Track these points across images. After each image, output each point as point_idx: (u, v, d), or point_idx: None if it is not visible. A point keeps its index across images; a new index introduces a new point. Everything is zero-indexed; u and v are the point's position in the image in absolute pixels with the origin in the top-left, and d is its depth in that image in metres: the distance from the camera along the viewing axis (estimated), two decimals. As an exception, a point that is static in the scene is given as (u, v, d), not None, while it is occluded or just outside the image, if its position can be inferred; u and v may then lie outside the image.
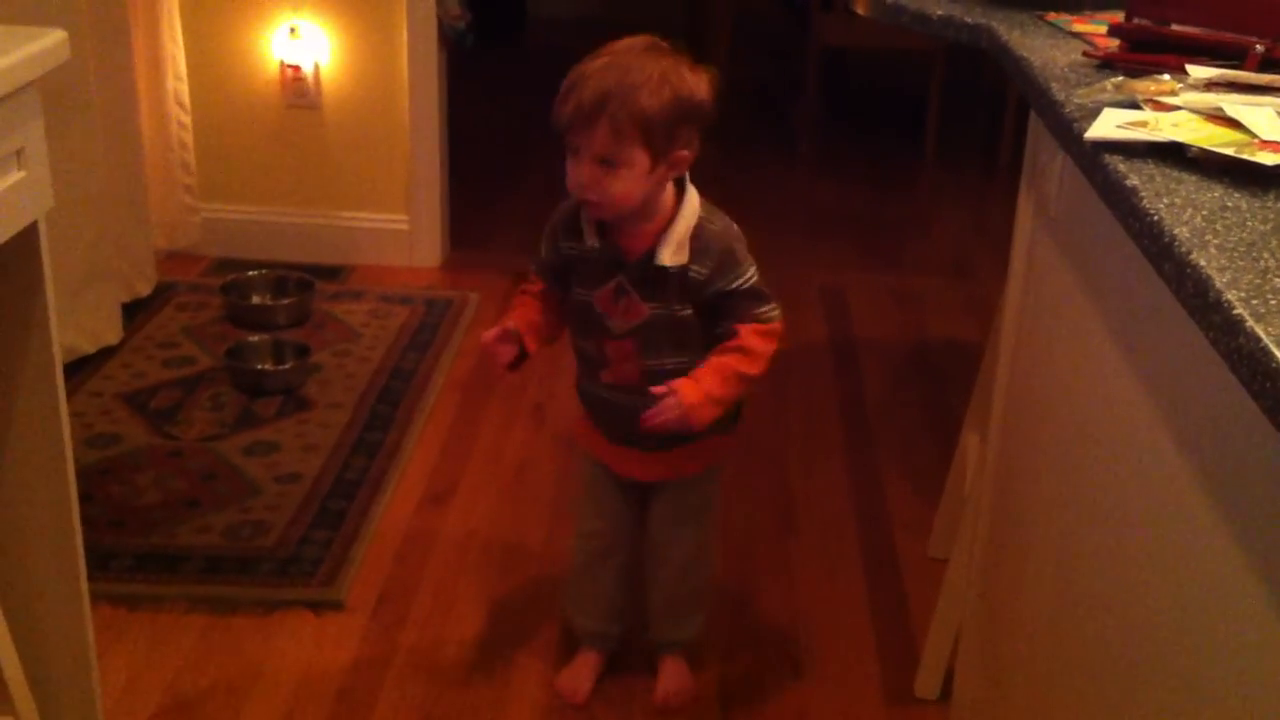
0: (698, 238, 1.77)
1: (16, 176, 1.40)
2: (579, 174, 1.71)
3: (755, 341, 1.79)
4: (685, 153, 1.73)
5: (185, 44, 3.37)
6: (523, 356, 1.86)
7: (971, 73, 5.09)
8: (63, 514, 1.62)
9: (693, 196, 1.79)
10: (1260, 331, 0.80)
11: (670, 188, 1.78)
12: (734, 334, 1.79)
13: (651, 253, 1.76)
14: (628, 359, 1.83)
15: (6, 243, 1.42)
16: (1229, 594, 0.93)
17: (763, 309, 1.80)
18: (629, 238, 1.78)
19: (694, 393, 1.75)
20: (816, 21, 4.58)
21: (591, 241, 1.79)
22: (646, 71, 1.66)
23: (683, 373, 1.78)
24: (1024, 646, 1.54)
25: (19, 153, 1.40)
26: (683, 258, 1.76)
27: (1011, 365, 1.75)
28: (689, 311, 1.79)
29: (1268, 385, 0.78)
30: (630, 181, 1.70)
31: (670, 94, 1.67)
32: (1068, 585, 1.36)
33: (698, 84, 1.71)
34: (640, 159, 1.68)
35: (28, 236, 1.47)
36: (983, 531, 1.84)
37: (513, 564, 2.34)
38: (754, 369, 1.79)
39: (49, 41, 1.41)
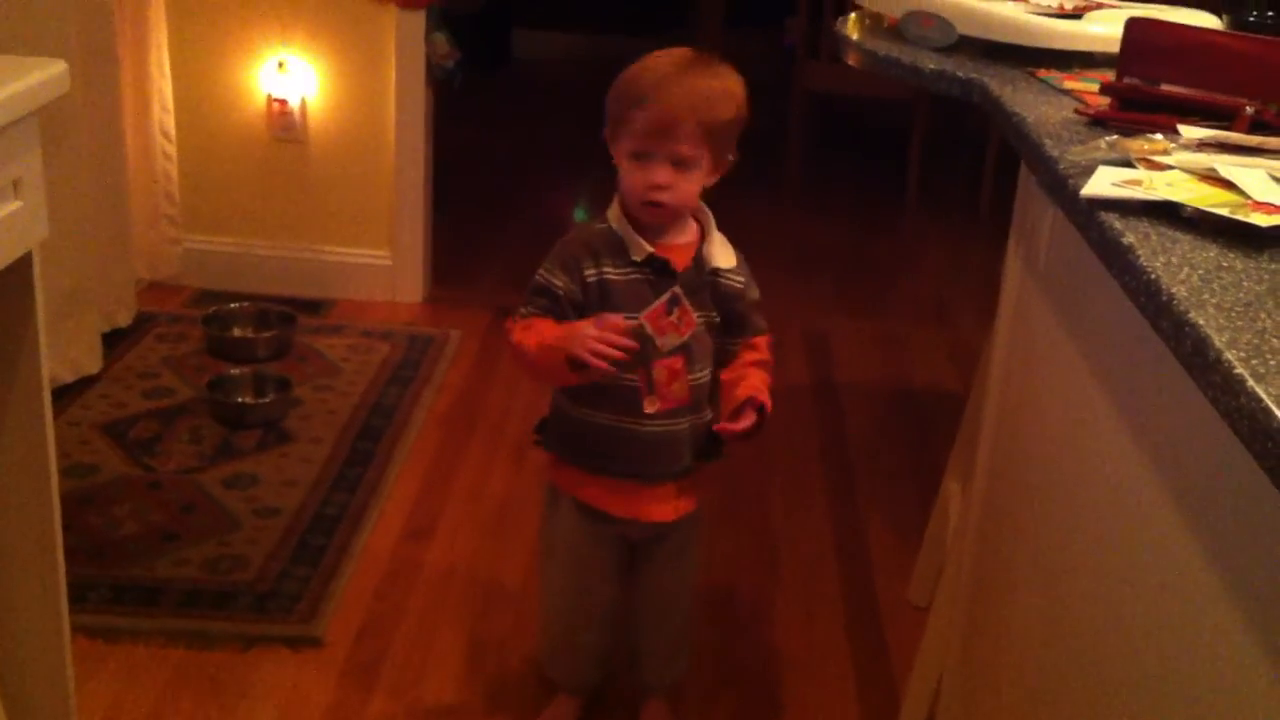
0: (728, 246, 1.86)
1: (13, 206, 1.40)
2: (654, 176, 1.72)
3: (769, 355, 1.88)
4: (732, 157, 1.80)
5: (173, 75, 3.37)
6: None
7: (954, 120, 5.14)
8: (46, 545, 1.61)
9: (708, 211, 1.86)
10: (1261, 391, 0.81)
11: None
12: (752, 347, 1.86)
13: (697, 261, 1.80)
14: (676, 377, 1.79)
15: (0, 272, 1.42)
16: (1225, 652, 0.94)
17: (763, 321, 1.89)
18: (671, 250, 1.79)
19: (767, 396, 1.81)
20: (802, 67, 4.62)
21: (640, 255, 1.77)
22: (721, 80, 1.75)
23: (708, 383, 1.84)
24: (1009, 696, 1.55)
25: (16, 183, 1.40)
26: (732, 260, 1.83)
27: (998, 416, 1.77)
28: (718, 319, 1.83)
29: (1269, 445, 0.79)
30: (697, 182, 1.76)
31: (735, 105, 1.75)
32: (1055, 638, 1.37)
33: (745, 95, 1.78)
34: (707, 162, 1.76)
35: (21, 266, 1.46)
36: (966, 581, 1.85)
37: (493, 602, 2.34)
38: (772, 380, 1.87)
39: (50, 72, 1.41)
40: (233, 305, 3.30)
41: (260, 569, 2.32)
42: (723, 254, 1.82)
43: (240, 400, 2.89)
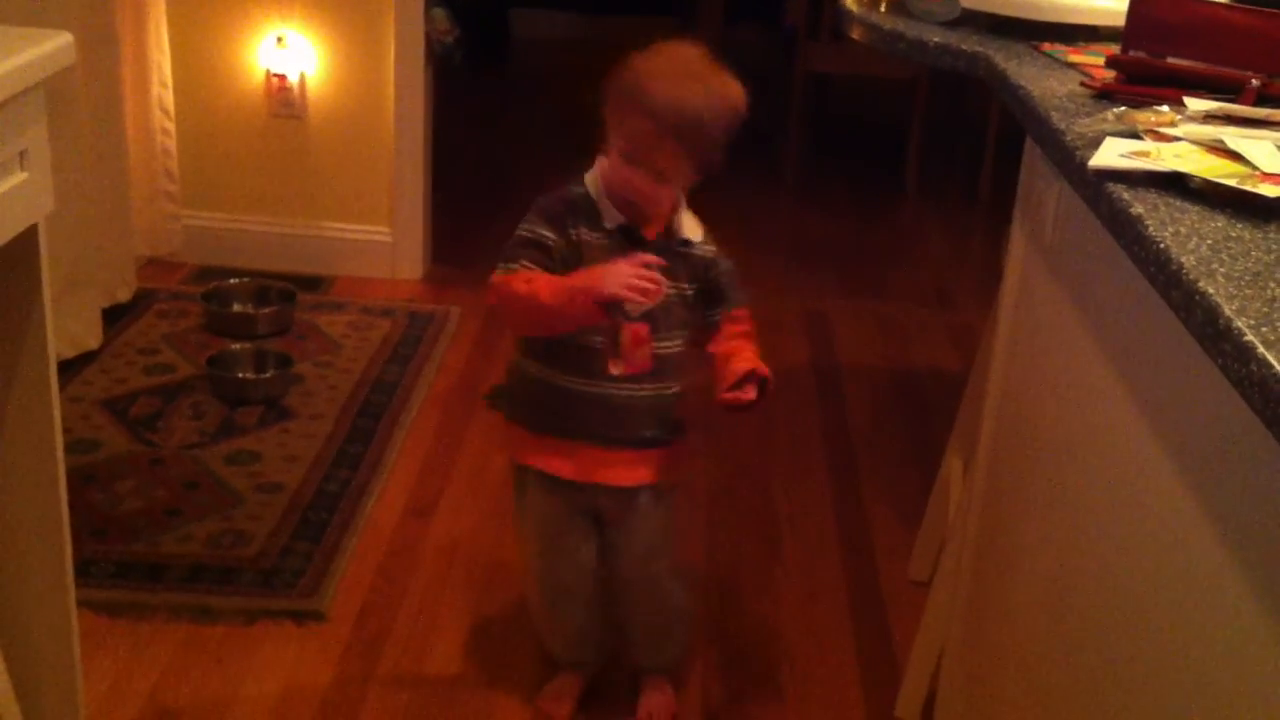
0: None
1: (19, 178, 1.40)
2: (639, 183, 1.76)
3: (752, 326, 1.90)
4: (719, 158, 1.80)
5: (172, 51, 3.37)
6: None
7: (953, 102, 5.14)
8: (52, 520, 1.61)
9: None
10: (1272, 358, 0.82)
11: None
12: (734, 319, 1.88)
13: (668, 231, 1.83)
14: (642, 343, 1.82)
15: (4, 245, 1.41)
16: (1235, 625, 0.94)
17: (743, 294, 1.91)
18: (644, 220, 1.82)
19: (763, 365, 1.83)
20: (803, 47, 4.61)
21: (613, 224, 1.80)
22: (713, 95, 1.74)
23: (681, 355, 1.86)
24: (1011, 671, 1.56)
25: (22, 154, 1.40)
26: (699, 234, 1.86)
27: (1001, 391, 1.77)
28: (692, 291, 1.86)
29: (1280, 412, 0.79)
30: (675, 188, 1.81)
31: (725, 118, 1.74)
32: (1061, 612, 1.37)
33: (741, 98, 1.77)
34: (689, 169, 1.78)
35: (27, 239, 1.46)
36: (968, 556, 1.86)
37: (496, 578, 2.34)
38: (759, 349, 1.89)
39: (55, 44, 1.41)
40: (232, 281, 3.29)
41: (263, 545, 2.33)
42: (691, 226, 1.85)
43: (241, 376, 2.89)
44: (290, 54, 3.41)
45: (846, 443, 2.94)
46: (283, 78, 3.42)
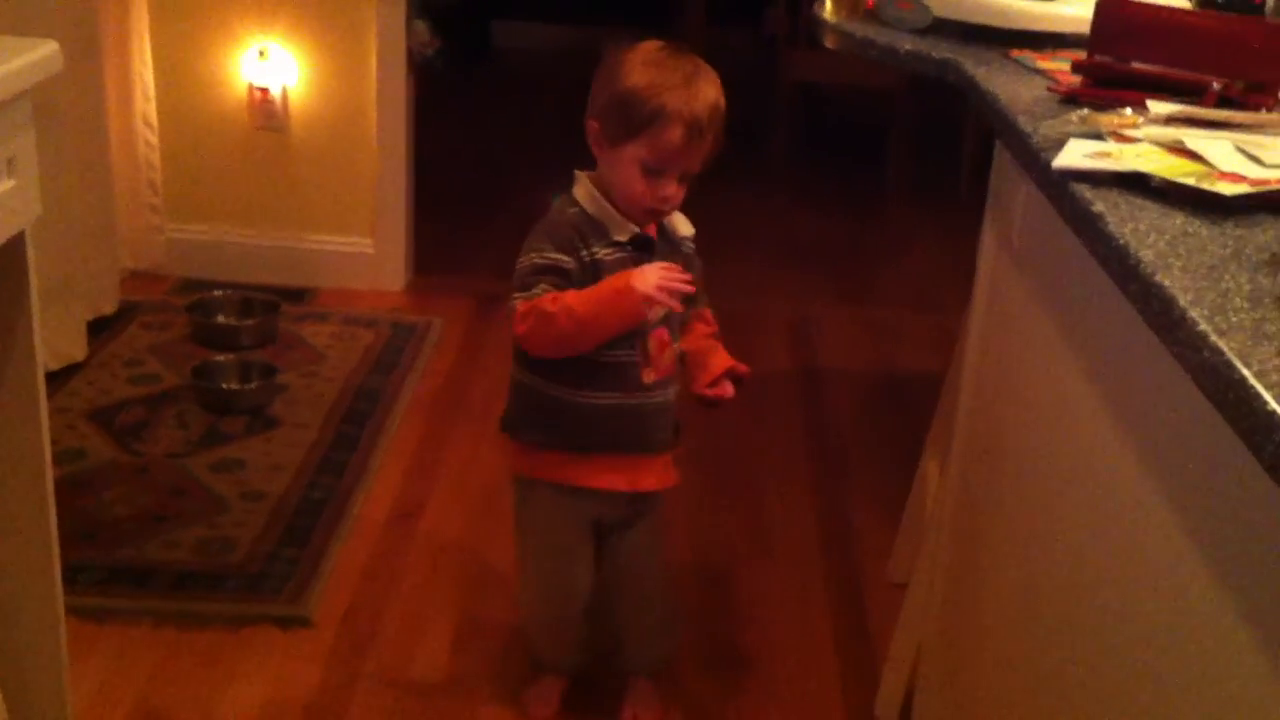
0: None
1: (6, 185, 1.42)
2: (665, 190, 1.76)
3: (718, 327, 1.94)
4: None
5: (155, 64, 3.39)
6: None
7: (939, 108, 5.17)
8: (41, 527, 1.63)
9: None
10: (1223, 345, 0.85)
11: None
12: (704, 319, 1.93)
13: (663, 233, 1.85)
14: (665, 347, 1.85)
15: (-7, 252, 1.44)
16: (1198, 615, 0.97)
17: (705, 292, 1.93)
18: (641, 227, 1.83)
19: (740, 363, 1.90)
20: (785, 56, 4.65)
21: (626, 235, 1.80)
22: (718, 85, 1.78)
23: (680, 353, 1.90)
24: (986, 668, 1.58)
25: (9, 161, 1.42)
26: (690, 229, 1.89)
27: (974, 390, 1.80)
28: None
29: (1230, 395, 0.82)
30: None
31: (723, 109, 1.78)
32: (1030, 608, 1.40)
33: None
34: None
35: (14, 246, 1.48)
36: (943, 555, 1.88)
37: (480, 583, 2.36)
38: None
39: (42, 52, 1.43)
40: (216, 293, 3.31)
41: (249, 551, 2.35)
42: (682, 222, 1.88)
43: (226, 386, 2.90)
44: (272, 67, 3.43)
45: (832, 445, 2.97)
46: (265, 90, 3.45)
